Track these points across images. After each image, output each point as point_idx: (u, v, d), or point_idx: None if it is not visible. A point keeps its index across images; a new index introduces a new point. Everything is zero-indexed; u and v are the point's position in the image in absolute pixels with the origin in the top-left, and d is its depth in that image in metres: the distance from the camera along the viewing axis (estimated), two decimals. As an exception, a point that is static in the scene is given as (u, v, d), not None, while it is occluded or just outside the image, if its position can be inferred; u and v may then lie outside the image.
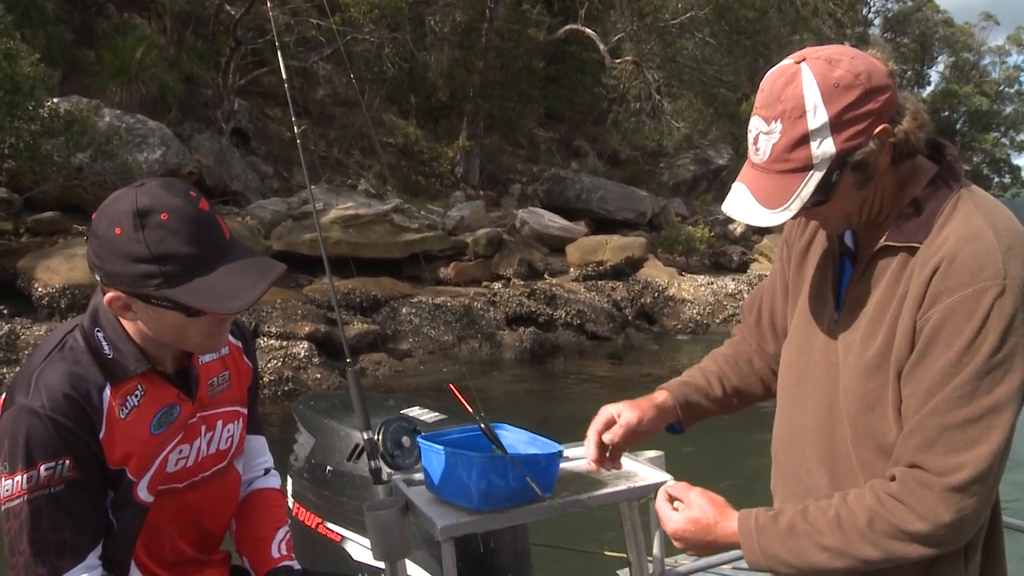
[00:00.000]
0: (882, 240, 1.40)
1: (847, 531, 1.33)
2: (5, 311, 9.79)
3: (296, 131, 1.87)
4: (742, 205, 1.38)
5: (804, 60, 1.34)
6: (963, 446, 1.28)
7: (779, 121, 1.32)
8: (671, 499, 1.55)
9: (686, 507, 1.51)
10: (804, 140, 1.31)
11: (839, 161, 1.32)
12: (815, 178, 1.32)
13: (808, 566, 1.37)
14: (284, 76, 1.75)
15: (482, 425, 2.00)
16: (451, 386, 2.02)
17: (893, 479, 1.34)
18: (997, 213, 1.36)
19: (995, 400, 1.27)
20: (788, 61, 1.36)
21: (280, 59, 1.79)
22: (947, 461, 1.28)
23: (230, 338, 1.82)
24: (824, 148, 1.31)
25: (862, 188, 1.37)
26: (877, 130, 1.31)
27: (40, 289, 9.97)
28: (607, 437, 1.73)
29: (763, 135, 1.34)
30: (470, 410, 1.96)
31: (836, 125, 1.30)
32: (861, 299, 1.43)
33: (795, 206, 1.34)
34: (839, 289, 1.51)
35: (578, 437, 2.12)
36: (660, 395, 1.75)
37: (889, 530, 1.31)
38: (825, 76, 1.30)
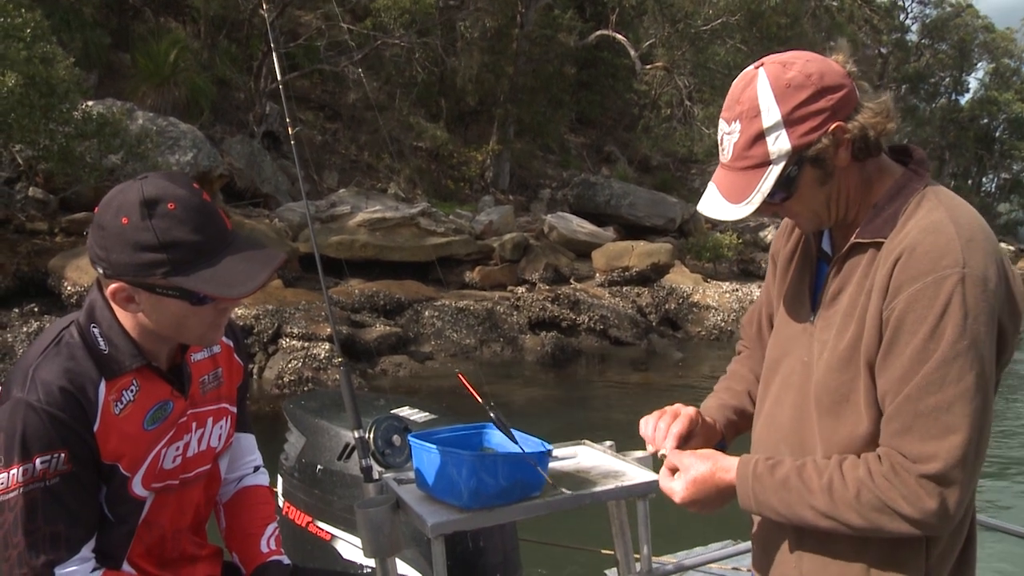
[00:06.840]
0: (852, 238, 1.45)
1: (836, 498, 1.38)
2: (36, 309, 9.98)
3: (290, 132, 1.89)
4: (711, 202, 1.46)
5: (762, 65, 1.42)
6: (937, 433, 1.31)
7: (738, 121, 1.40)
8: (673, 472, 1.58)
9: (682, 471, 1.55)
10: (760, 137, 1.38)
11: (795, 156, 1.39)
12: (774, 172, 1.39)
13: (796, 519, 1.44)
14: (279, 77, 1.77)
15: (492, 414, 2.01)
16: (460, 375, 2.05)
17: (879, 458, 1.38)
18: (960, 209, 1.40)
19: (964, 387, 1.30)
20: (750, 67, 1.44)
21: (276, 62, 1.81)
22: (922, 448, 1.32)
23: (222, 337, 1.84)
24: (780, 144, 1.38)
25: (824, 184, 1.43)
26: (831, 127, 1.37)
27: (69, 288, 10.14)
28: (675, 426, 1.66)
29: (726, 136, 1.43)
30: (479, 399, 1.98)
31: (789, 122, 1.37)
32: (835, 297, 1.48)
33: (756, 200, 1.40)
34: (816, 291, 1.56)
35: (597, 442, 2.13)
36: (706, 417, 1.75)
37: (876, 503, 1.35)
38: (778, 77, 1.38)
